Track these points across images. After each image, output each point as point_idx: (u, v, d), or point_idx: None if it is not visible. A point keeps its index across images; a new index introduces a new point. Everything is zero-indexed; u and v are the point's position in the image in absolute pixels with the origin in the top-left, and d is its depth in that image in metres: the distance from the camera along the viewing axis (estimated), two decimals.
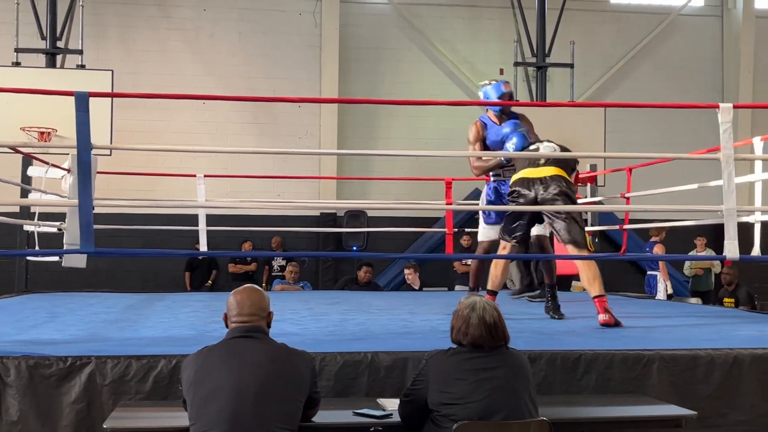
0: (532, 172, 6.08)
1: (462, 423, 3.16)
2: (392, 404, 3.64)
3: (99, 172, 6.31)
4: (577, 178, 6.72)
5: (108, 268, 12.57)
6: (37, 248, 8.20)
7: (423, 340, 4.89)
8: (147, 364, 3.99)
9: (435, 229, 12.05)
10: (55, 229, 7.47)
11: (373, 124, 14.00)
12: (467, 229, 11.61)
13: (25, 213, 9.77)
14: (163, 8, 13.67)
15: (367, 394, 4.07)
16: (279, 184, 13.07)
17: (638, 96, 14.12)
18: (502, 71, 14.08)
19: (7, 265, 11.17)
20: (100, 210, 5.04)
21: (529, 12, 13.11)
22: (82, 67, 11.08)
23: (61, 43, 11.55)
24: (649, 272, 12.03)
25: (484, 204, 7.03)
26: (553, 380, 4.26)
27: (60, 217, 6.98)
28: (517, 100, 7.00)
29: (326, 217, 13.59)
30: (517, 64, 13.20)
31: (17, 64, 10.93)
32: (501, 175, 6.83)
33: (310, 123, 13.84)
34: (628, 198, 8.15)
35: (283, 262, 12.39)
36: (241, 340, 3.24)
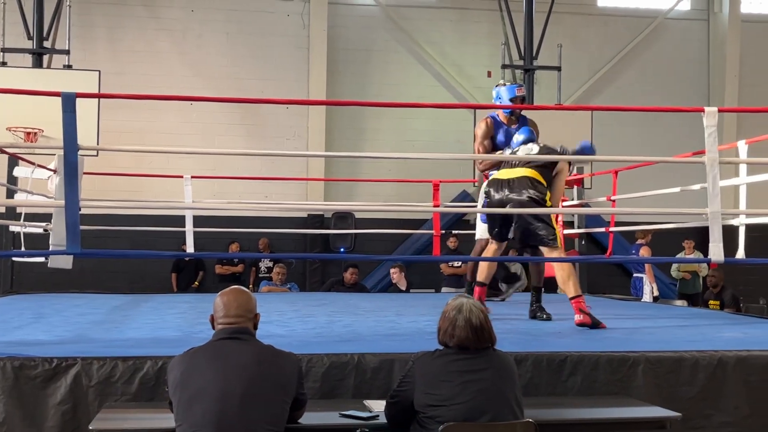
0: (505, 174, 6.17)
1: (448, 424, 3.17)
2: (379, 406, 3.64)
3: (85, 173, 6.30)
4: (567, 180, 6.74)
5: (94, 269, 12.52)
6: (23, 249, 8.16)
7: (410, 342, 4.90)
8: (133, 366, 3.98)
9: (422, 231, 12.07)
10: (41, 230, 7.45)
11: (360, 126, 14.00)
12: (454, 231, 11.63)
13: (11, 213, 9.73)
14: (151, 9, 13.64)
15: (353, 395, 4.07)
16: (266, 186, 13.05)
17: (625, 99, 14.18)
18: (489, 74, 14.13)
19: None
20: (87, 211, 5.02)
21: (516, 15, 13.14)
22: (69, 67, 11.03)
23: (47, 43, 11.50)
24: (635, 274, 12.08)
25: (483, 202, 7.04)
26: (539, 382, 4.27)
27: (46, 217, 6.93)
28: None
29: (314, 219, 13.58)
30: (504, 66, 13.21)
31: (3, 64, 10.88)
32: None
33: (297, 124, 13.83)
34: (614, 201, 8.20)
35: (271, 264, 12.37)
36: (228, 342, 3.24)
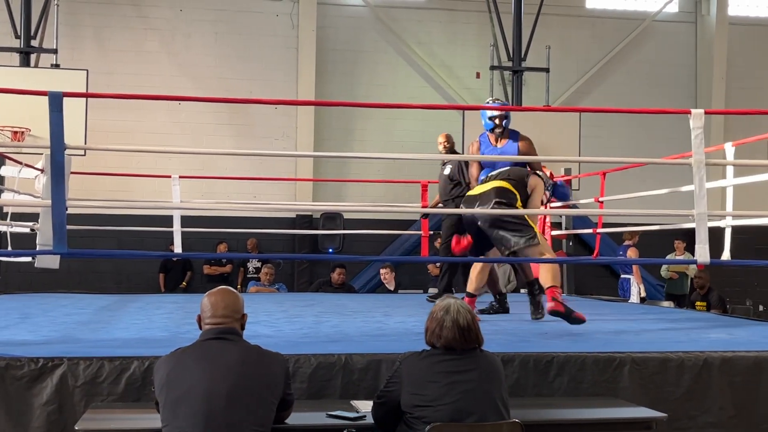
0: (477, 189, 6.31)
1: (434, 425, 3.18)
2: (366, 406, 3.64)
3: (73, 173, 6.28)
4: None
5: (81, 269, 12.48)
6: (9, 249, 8.12)
7: (397, 342, 4.90)
8: (120, 366, 3.97)
9: (411, 232, 12.08)
10: (28, 230, 7.42)
11: (349, 126, 14.00)
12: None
13: None
14: (139, 8, 13.60)
15: (340, 396, 4.08)
16: (255, 186, 13.04)
17: (613, 101, 14.22)
18: (478, 75, 14.16)
19: None
20: (74, 210, 5.01)
21: (505, 16, 13.17)
22: (57, 66, 10.99)
23: (35, 42, 11.46)
24: (622, 275, 12.13)
25: None
26: (526, 382, 4.28)
27: (33, 217, 6.91)
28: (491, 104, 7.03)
29: (302, 219, 13.58)
30: (493, 67, 13.25)
31: None
32: None
33: (286, 124, 13.82)
34: (602, 202, 8.22)
35: (259, 264, 12.36)
36: (215, 342, 3.23)
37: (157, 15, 13.67)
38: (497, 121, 6.57)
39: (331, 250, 13.18)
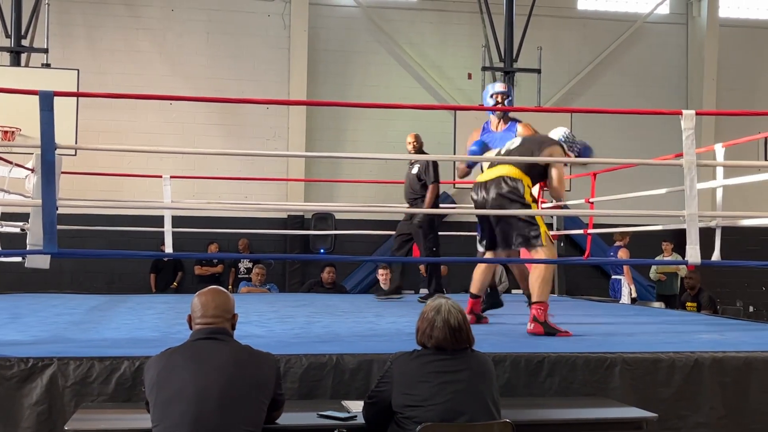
0: (484, 175, 5.83)
1: (425, 425, 3.17)
2: (357, 406, 3.64)
3: (63, 172, 6.27)
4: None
5: (72, 269, 12.45)
6: (0, 248, 8.10)
7: (388, 343, 4.90)
8: (110, 366, 3.96)
9: None
10: (18, 230, 7.40)
11: (341, 127, 14.00)
12: None
13: None
14: (131, 8, 13.57)
15: (331, 396, 4.07)
16: (246, 186, 13.02)
17: (604, 102, 14.25)
18: (470, 76, 14.17)
19: None
20: (64, 210, 5.00)
21: (497, 17, 13.19)
22: (48, 66, 10.96)
23: (26, 42, 11.42)
24: (613, 276, 12.15)
25: None
26: (517, 382, 4.29)
27: (23, 217, 6.90)
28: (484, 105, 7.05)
29: (293, 220, 13.56)
30: (485, 68, 13.27)
31: None
32: None
33: (278, 125, 13.81)
34: (593, 203, 8.24)
35: (250, 265, 12.34)
36: (205, 342, 3.23)
37: (149, 15, 13.65)
38: (499, 98, 6.56)
39: (322, 251, 13.17)
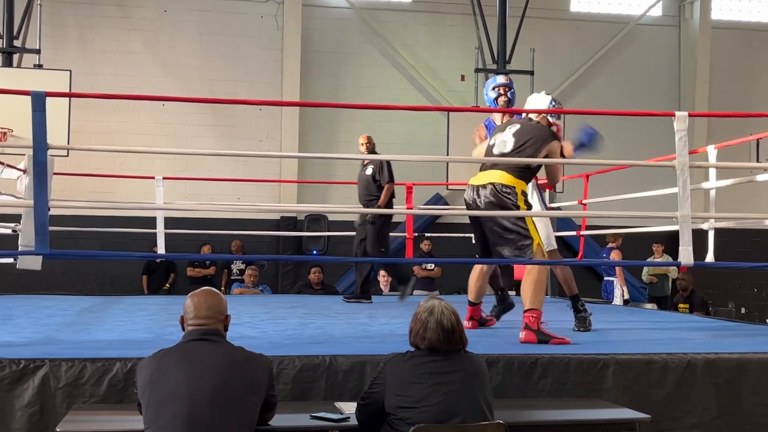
0: (474, 179, 5.53)
1: (418, 426, 3.17)
2: (350, 408, 3.64)
3: (56, 173, 6.24)
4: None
5: (64, 270, 12.41)
6: None
7: (381, 344, 4.90)
8: (102, 367, 3.95)
9: (395, 234, 12.06)
10: (9, 231, 7.37)
11: (334, 128, 13.99)
12: (427, 234, 11.64)
13: None
14: (123, 8, 13.54)
15: (324, 397, 4.07)
16: (239, 188, 13.01)
17: (597, 103, 14.28)
18: (463, 77, 14.18)
19: None
20: (57, 211, 4.99)
21: (490, 19, 13.19)
22: (40, 66, 10.93)
23: (18, 42, 11.38)
24: (606, 278, 12.16)
25: None
26: (510, 384, 4.29)
27: (15, 218, 6.87)
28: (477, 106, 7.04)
29: (286, 221, 13.55)
30: (478, 70, 13.28)
31: None
32: None
33: (270, 126, 13.79)
34: (585, 204, 8.25)
35: (243, 266, 12.32)
36: (197, 343, 3.22)
37: (142, 15, 13.62)
38: (502, 90, 6.36)
39: (315, 252, 13.15)
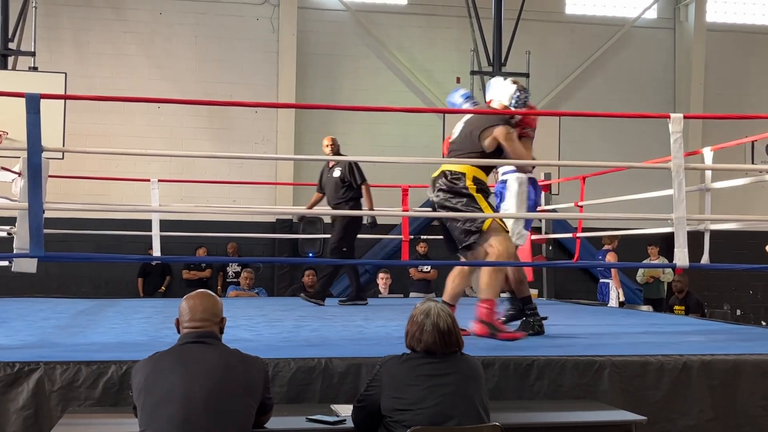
0: (434, 172, 5.46)
1: (414, 428, 3.16)
2: (346, 410, 3.63)
3: (50, 176, 6.22)
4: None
5: (59, 273, 12.38)
6: None
7: (377, 346, 4.89)
8: (97, 370, 3.93)
9: (391, 236, 12.07)
10: (4, 233, 7.35)
11: (330, 131, 13.87)
12: (423, 236, 11.65)
13: None
14: (119, 11, 13.53)
15: (320, 400, 4.06)
16: (234, 190, 13.00)
17: (592, 106, 14.30)
18: (458, 80, 14.18)
19: None
20: (51, 214, 4.98)
21: (485, 21, 13.22)
22: (35, 69, 10.92)
23: (12, 45, 11.38)
24: (601, 280, 12.17)
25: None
26: (506, 386, 4.28)
27: (10, 221, 6.86)
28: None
29: (282, 224, 13.54)
30: (473, 72, 13.30)
31: None
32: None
33: (266, 129, 13.79)
34: (582, 206, 8.26)
35: (238, 269, 12.32)
36: (193, 346, 3.21)
37: (137, 18, 13.61)
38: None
39: (311, 255, 13.15)
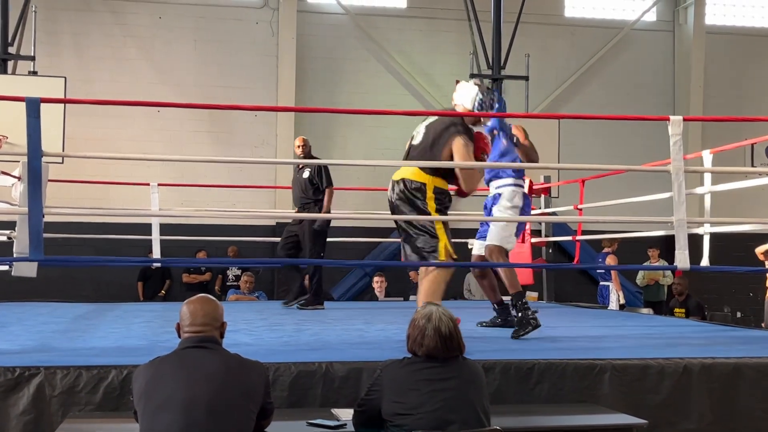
0: (394, 175, 5.34)
1: None
2: (347, 414, 3.63)
3: (50, 180, 6.23)
4: (531, 189, 6.61)
5: (59, 277, 12.36)
6: None
7: (378, 350, 4.88)
8: (97, 375, 3.93)
9: (391, 239, 12.06)
10: (4, 238, 7.35)
11: (330, 134, 13.98)
12: None
13: None
14: (118, 15, 13.53)
15: (321, 404, 4.06)
16: (234, 194, 13.00)
17: (591, 109, 14.30)
18: (458, 83, 14.17)
19: None
20: (51, 218, 4.97)
21: (485, 24, 13.22)
22: (35, 73, 10.92)
23: (12, 49, 11.38)
24: (601, 283, 12.17)
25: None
26: (507, 390, 4.28)
27: (10, 225, 6.86)
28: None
29: (282, 227, 13.49)
30: (473, 75, 13.28)
31: None
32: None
33: (266, 132, 13.79)
34: (581, 209, 8.26)
35: (238, 272, 12.32)
36: (194, 351, 3.21)
37: (137, 22, 13.61)
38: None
39: None
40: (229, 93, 13.43)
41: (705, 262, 6.31)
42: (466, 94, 5.52)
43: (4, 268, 7.97)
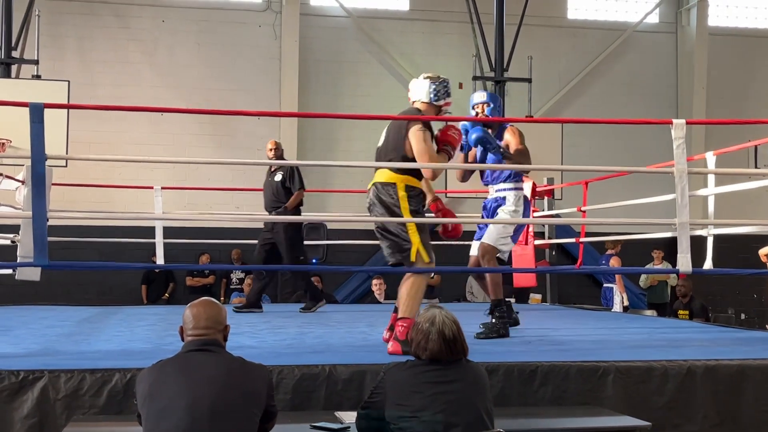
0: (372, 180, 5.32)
1: None
2: (350, 417, 3.63)
3: (54, 184, 6.26)
4: (534, 192, 6.62)
5: (63, 281, 12.38)
6: None
7: (381, 353, 4.88)
8: (101, 378, 3.94)
9: None
10: (8, 242, 7.37)
11: (332, 137, 13.99)
12: None
13: None
14: (121, 19, 13.55)
15: (324, 407, 4.06)
16: (237, 197, 13.00)
17: (594, 111, 14.30)
18: (461, 85, 14.15)
19: None
20: (55, 222, 4.98)
21: (487, 27, 13.22)
22: (38, 77, 10.94)
23: (16, 53, 11.40)
24: (605, 285, 12.15)
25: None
26: (510, 392, 4.28)
27: (14, 229, 6.88)
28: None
29: None
30: (475, 78, 13.30)
31: None
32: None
33: (269, 135, 13.70)
34: (585, 211, 8.25)
35: (242, 275, 12.32)
36: (197, 354, 3.21)
37: (140, 26, 13.64)
38: (479, 108, 6.31)
39: (314, 261, 13.13)
40: (232, 96, 13.44)
41: (708, 264, 6.29)
42: (420, 89, 5.61)
43: (8, 271, 7.99)
